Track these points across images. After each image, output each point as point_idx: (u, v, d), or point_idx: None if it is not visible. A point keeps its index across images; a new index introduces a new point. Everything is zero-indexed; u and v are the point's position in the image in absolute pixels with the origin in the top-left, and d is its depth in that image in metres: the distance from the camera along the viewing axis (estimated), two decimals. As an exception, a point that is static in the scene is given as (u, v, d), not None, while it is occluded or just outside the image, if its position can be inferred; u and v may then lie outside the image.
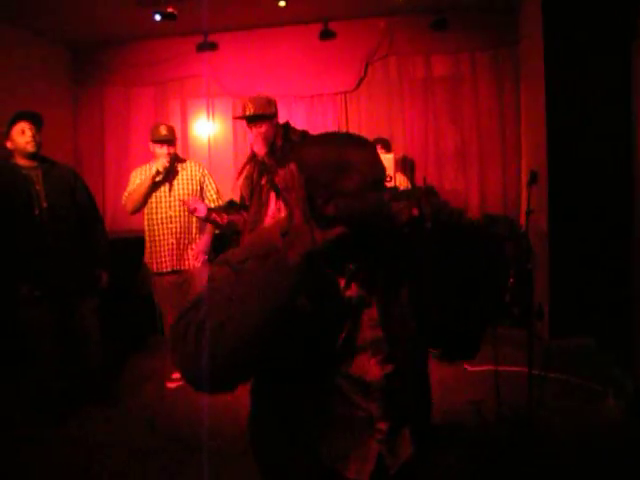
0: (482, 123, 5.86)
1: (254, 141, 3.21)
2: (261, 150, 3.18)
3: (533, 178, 3.08)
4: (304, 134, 3.24)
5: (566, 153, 4.47)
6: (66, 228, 3.50)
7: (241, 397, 3.10)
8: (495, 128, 5.84)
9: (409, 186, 5.25)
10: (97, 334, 3.74)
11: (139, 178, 4.00)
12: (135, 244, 4.20)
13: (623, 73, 3.55)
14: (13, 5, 4.95)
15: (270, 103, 3.27)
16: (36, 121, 3.43)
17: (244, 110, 3.23)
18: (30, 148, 3.39)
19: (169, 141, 3.94)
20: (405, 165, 5.80)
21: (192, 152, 6.28)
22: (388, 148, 5.18)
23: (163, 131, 3.93)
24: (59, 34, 5.96)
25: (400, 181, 5.08)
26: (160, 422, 3.53)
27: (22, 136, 3.37)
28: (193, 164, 4.14)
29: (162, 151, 3.92)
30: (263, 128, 3.18)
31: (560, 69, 4.47)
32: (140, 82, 6.40)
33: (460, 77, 5.92)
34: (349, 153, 1.23)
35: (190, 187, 4.01)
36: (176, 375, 4.16)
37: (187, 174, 4.03)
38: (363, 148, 1.26)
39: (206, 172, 4.13)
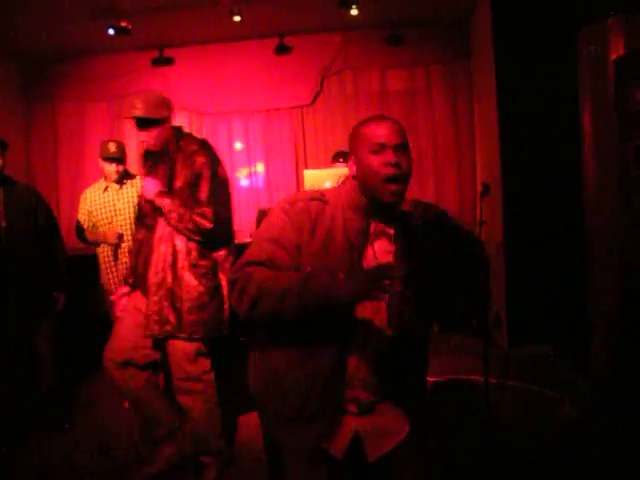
0: (437, 136, 5.96)
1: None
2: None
3: (485, 190, 3.12)
4: (203, 143, 2.83)
5: (519, 163, 4.56)
6: (24, 249, 3.42)
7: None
8: (450, 141, 5.94)
9: None
10: (52, 356, 3.64)
11: (89, 200, 3.98)
12: (90, 261, 4.12)
13: (570, 85, 3.65)
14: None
15: (164, 104, 2.77)
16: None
17: (132, 109, 2.71)
18: None
19: (118, 159, 3.87)
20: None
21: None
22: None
23: (112, 148, 3.86)
24: (8, 48, 5.82)
25: None
26: (118, 442, 3.43)
27: None
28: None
29: (111, 169, 3.86)
30: (153, 133, 2.73)
31: (511, 81, 4.57)
32: (94, 97, 6.30)
33: (415, 91, 6.01)
34: (368, 126, 1.60)
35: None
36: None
37: (137, 191, 3.96)
38: (378, 122, 1.60)
39: None
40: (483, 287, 1.64)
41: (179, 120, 6.25)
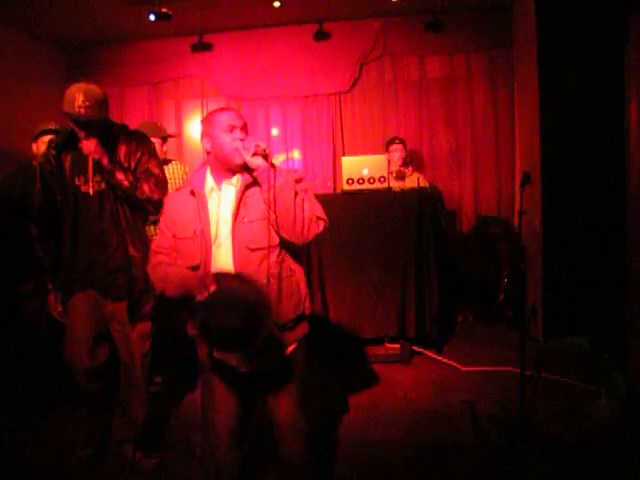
0: (476, 124, 5.89)
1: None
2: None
3: (526, 179, 3.08)
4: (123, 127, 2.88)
5: (560, 154, 4.48)
6: None
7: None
8: (489, 129, 5.86)
9: (426, 184, 5.15)
10: None
11: None
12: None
13: (616, 74, 3.57)
14: (7, 5, 4.94)
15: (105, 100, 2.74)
16: None
17: (76, 105, 2.67)
18: None
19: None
20: (416, 162, 5.72)
21: (186, 152, 6.28)
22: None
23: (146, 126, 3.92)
24: (53, 34, 5.94)
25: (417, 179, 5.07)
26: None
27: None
28: (175, 164, 4.06)
29: None
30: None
31: (553, 70, 4.48)
32: (134, 82, 6.39)
33: (454, 78, 5.94)
34: (220, 113, 2.09)
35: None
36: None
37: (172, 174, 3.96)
38: (227, 110, 2.13)
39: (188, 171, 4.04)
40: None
41: (217, 105, 6.38)
